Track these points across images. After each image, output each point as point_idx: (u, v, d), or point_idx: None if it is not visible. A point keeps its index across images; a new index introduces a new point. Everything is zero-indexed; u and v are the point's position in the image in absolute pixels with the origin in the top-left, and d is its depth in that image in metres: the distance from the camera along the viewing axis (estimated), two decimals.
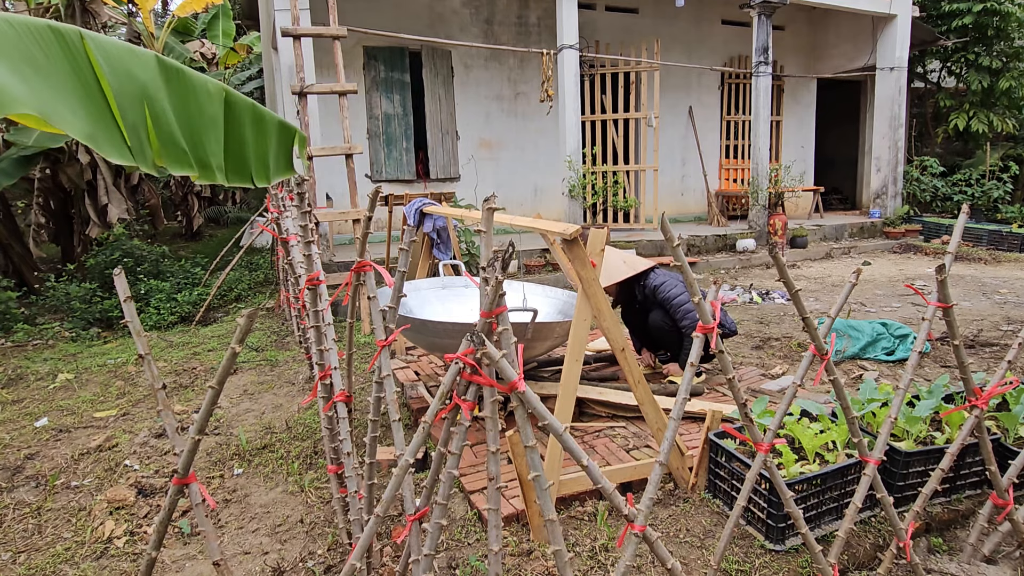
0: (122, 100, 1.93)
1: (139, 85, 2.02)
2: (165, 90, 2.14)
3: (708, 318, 1.77)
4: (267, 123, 2.71)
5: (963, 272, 8.02)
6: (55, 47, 1.79)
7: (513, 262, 7.54)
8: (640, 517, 1.60)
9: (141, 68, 2.05)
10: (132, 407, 4.18)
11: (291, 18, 6.21)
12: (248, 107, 2.58)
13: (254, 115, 2.62)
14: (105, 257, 6.93)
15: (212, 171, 2.35)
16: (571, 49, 8.22)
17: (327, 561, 2.46)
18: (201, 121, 2.32)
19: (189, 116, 2.27)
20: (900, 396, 2.08)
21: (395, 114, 9.21)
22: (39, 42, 1.75)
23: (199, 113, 2.32)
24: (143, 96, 2.03)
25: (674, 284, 3.97)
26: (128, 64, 1.99)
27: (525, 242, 8.15)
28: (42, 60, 1.75)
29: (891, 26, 10.51)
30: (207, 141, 2.34)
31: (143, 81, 2.04)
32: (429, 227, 4.82)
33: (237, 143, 2.53)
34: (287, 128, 2.84)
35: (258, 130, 2.65)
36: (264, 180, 2.71)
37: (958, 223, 2.18)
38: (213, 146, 2.36)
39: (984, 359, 4.58)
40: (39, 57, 1.74)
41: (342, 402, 2.16)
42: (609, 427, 3.44)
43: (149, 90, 2.06)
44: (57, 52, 1.79)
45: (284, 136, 2.83)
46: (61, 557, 2.56)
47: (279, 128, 2.79)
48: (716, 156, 11.59)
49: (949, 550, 2.50)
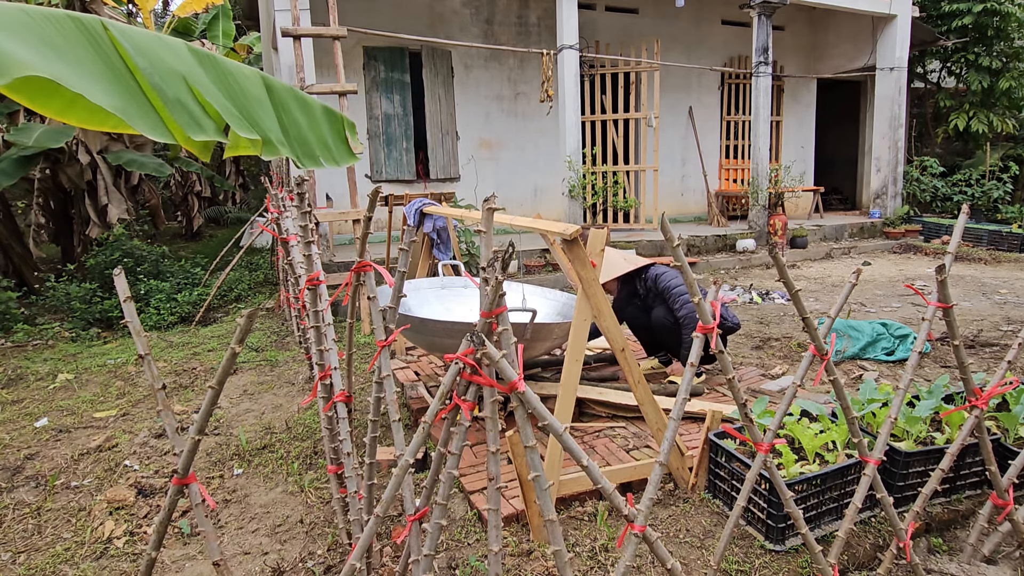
0: (157, 80, 1.82)
1: (172, 67, 1.90)
2: (202, 71, 2.03)
3: (708, 318, 1.77)
4: (313, 108, 2.61)
5: (963, 272, 8.02)
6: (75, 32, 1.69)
7: (513, 262, 7.54)
8: (640, 517, 1.60)
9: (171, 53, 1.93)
10: (132, 407, 4.17)
11: (291, 18, 6.21)
12: (289, 91, 2.48)
13: (297, 99, 2.52)
14: (105, 257, 6.93)
15: (275, 145, 2.21)
16: (571, 49, 8.22)
17: (327, 561, 2.46)
18: (248, 100, 2.18)
19: (234, 95, 2.13)
20: (900, 396, 2.08)
21: (395, 114, 9.21)
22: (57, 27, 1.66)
23: (243, 93, 2.18)
24: (181, 76, 1.90)
25: (674, 275, 3.99)
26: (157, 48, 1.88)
27: (525, 242, 8.15)
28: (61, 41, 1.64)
29: (891, 26, 10.51)
30: (260, 118, 2.19)
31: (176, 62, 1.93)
32: (429, 227, 4.82)
33: (293, 125, 2.41)
34: (334, 114, 2.73)
35: (307, 114, 2.54)
36: (332, 163, 2.60)
37: (958, 223, 2.17)
38: (269, 123, 2.22)
39: (984, 359, 4.58)
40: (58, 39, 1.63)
41: (342, 402, 2.16)
42: (609, 427, 3.44)
43: (185, 71, 1.94)
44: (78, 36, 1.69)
45: (334, 122, 2.72)
46: (61, 557, 2.56)
47: (326, 113, 2.70)
48: (716, 156, 11.59)
49: (949, 550, 2.50)
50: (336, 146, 2.70)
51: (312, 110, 2.61)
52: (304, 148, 2.47)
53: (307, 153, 2.49)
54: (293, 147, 2.39)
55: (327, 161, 2.58)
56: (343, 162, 2.71)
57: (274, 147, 2.23)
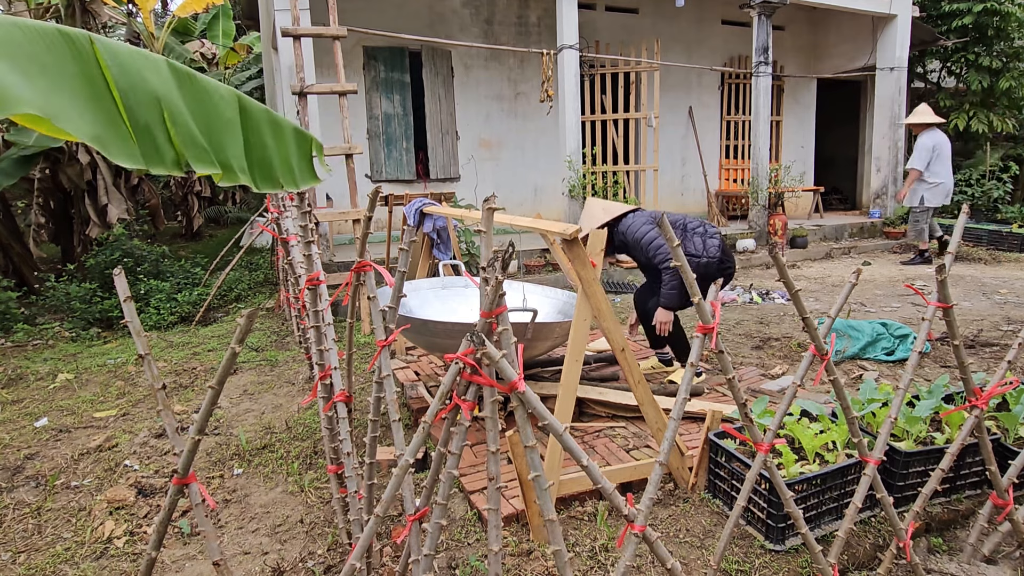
0: (132, 103, 1.90)
1: (151, 88, 1.98)
2: (179, 93, 2.11)
3: (708, 318, 1.77)
4: (284, 129, 2.70)
5: (963, 272, 8.02)
6: (64, 50, 1.77)
7: (513, 262, 7.54)
8: (640, 517, 1.60)
9: (152, 72, 2.02)
10: (132, 407, 4.18)
11: (291, 18, 6.20)
12: (263, 112, 2.57)
13: (270, 120, 2.60)
14: (105, 257, 6.93)
15: (235, 173, 2.31)
16: (571, 49, 8.22)
17: (327, 561, 2.46)
18: (219, 124, 2.27)
19: (207, 119, 2.23)
20: (900, 396, 2.08)
21: (395, 114, 9.21)
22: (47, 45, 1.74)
23: (216, 116, 2.28)
24: (156, 99, 1.99)
25: (642, 223, 3.85)
26: (140, 68, 1.96)
27: (525, 242, 8.15)
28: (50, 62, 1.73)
29: (891, 26, 10.50)
30: (227, 144, 2.30)
31: (155, 84, 2.00)
32: (429, 227, 4.82)
33: (259, 148, 2.50)
34: (304, 135, 2.84)
35: (276, 136, 2.63)
36: (292, 185, 2.69)
37: (958, 223, 2.18)
38: (234, 149, 2.32)
39: (984, 359, 4.58)
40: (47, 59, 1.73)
41: (342, 402, 2.16)
42: (609, 427, 3.44)
43: (162, 93, 2.02)
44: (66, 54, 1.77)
45: (302, 142, 2.82)
46: (61, 557, 2.56)
47: (296, 135, 2.79)
48: (716, 156, 11.59)
49: (949, 550, 2.50)
50: (300, 167, 2.79)
51: (282, 131, 2.70)
52: (264, 171, 2.57)
53: (266, 177, 2.58)
54: (253, 173, 2.50)
55: (287, 184, 2.68)
56: (303, 184, 2.82)
57: (234, 174, 2.36)
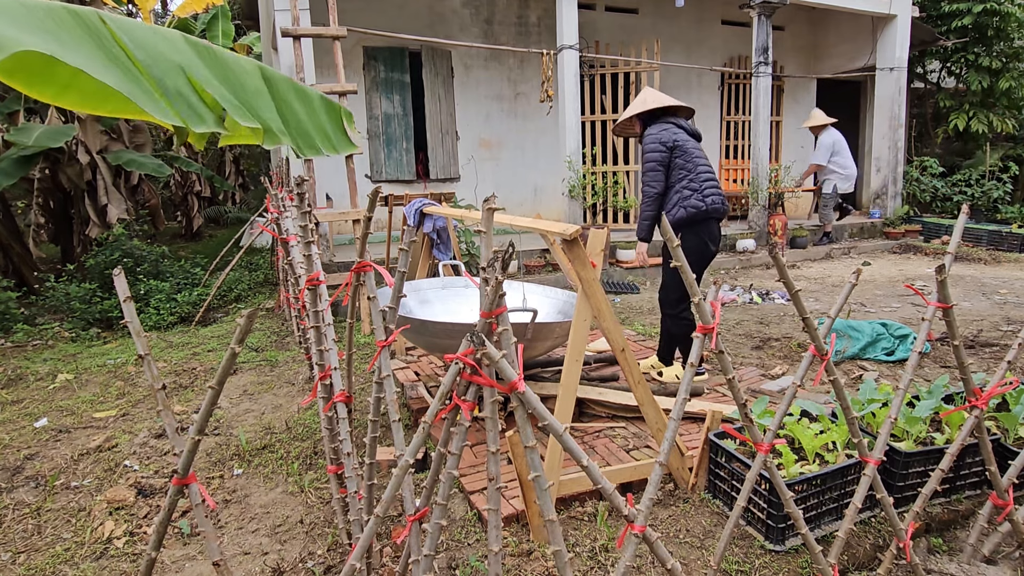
0: (156, 73, 1.81)
1: (172, 59, 1.90)
2: (201, 63, 2.03)
3: (708, 318, 1.77)
4: (311, 97, 2.64)
5: (963, 272, 8.02)
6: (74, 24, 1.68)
7: (513, 262, 7.54)
8: (640, 517, 1.60)
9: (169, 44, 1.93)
10: (132, 407, 4.17)
11: (291, 18, 6.21)
12: (287, 81, 2.50)
13: (296, 89, 2.54)
14: (105, 257, 6.92)
15: (275, 134, 2.23)
16: (571, 49, 8.22)
17: (327, 561, 2.46)
18: (247, 91, 2.19)
19: (233, 86, 2.14)
20: (900, 396, 2.08)
21: (395, 114, 9.21)
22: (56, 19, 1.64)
23: (241, 85, 2.20)
24: (179, 68, 1.90)
25: (653, 142, 3.62)
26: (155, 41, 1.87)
27: (525, 242, 8.15)
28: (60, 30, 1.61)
29: (891, 26, 10.50)
30: (261, 108, 2.20)
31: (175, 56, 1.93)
32: (429, 227, 4.82)
33: (291, 114, 2.43)
34: (332, 104, 2.75)
35: (306, 103, 2.56)
36: (332, 151, 2.62)
37: (958, 223, 2.17)
38: (269, 112, 2.24)
39: (984, 359, 4.58)
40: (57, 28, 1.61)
41: (342, 402, 2.16)
42: (609, 427, 3.44)
43: (184, 63, 1.94)
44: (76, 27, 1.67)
45: (332, 111, 2.74)
46: (61, 557, 2.56)
47: (324, 103, 2.71)
48: (716, 156, 11.58)
49: (949, 550, 2.50)
50: (335, 135, 2.71)
51: (311, 100, 2.62)
52: (304, 138, 2.49)
53: (307, 143, 2.50)
54: (293, 137, 2.40)
55: (327, 149, 2.60)
56: (343, 150, 2.73)
57: (275, 136, 2.24)
